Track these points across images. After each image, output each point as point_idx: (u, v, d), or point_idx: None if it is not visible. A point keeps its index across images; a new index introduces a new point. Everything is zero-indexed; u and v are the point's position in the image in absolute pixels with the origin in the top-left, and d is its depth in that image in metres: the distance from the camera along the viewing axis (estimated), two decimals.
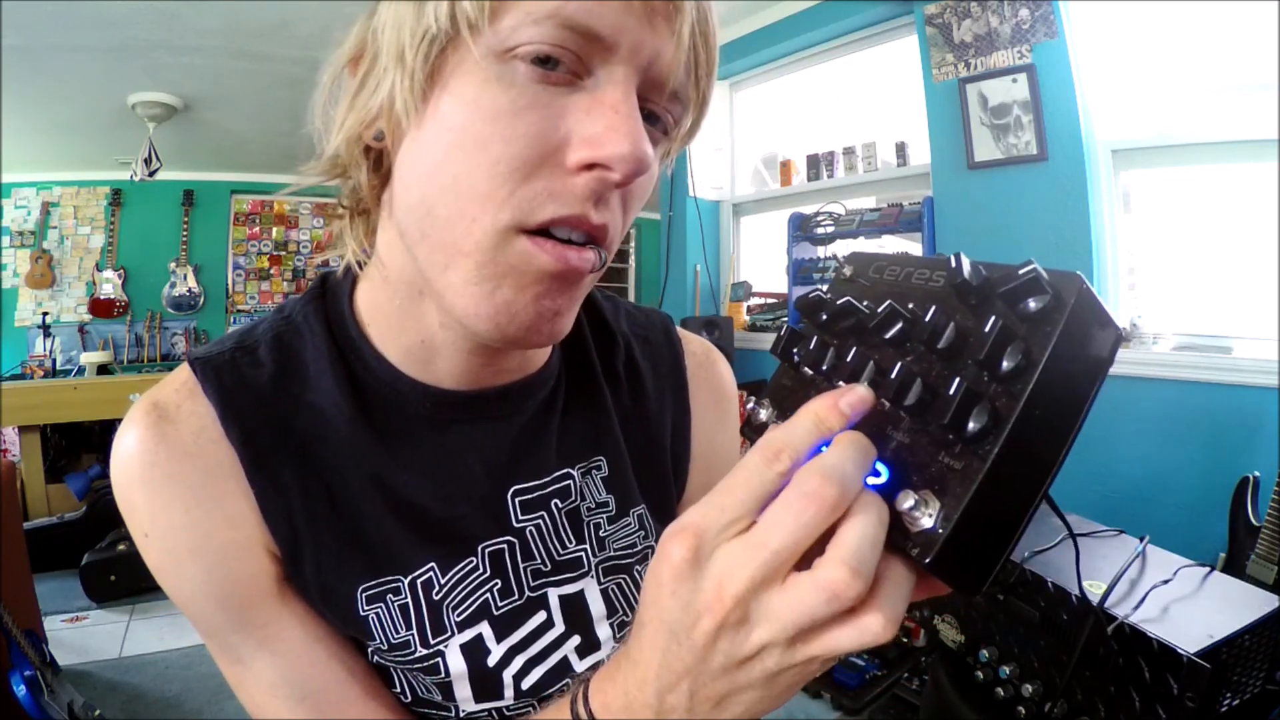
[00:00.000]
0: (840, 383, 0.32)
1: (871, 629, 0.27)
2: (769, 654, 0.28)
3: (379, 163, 0.43)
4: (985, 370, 0.26)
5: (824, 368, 0.33)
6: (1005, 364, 0.26)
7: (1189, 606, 1.09)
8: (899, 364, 0.28)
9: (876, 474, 0.29)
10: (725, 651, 0.28)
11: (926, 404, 0.28)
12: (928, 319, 0.28)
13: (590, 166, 0.37)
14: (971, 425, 0.26)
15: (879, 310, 0.30)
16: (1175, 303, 2.09)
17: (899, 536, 0.27)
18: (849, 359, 0.31)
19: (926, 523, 0.26)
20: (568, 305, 0.41)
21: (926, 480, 0.27)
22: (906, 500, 0.27)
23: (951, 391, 0.26)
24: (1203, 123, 1.96)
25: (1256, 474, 1.61)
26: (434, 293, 0.41)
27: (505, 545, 0.49)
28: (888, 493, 0.28)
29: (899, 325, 0.30)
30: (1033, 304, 0.26)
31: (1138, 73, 2.08)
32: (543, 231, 0.38)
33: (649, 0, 0.36)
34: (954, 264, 0.28)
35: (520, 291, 0.39)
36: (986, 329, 0.26)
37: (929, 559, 0.26)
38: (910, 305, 0.31)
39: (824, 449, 0.30)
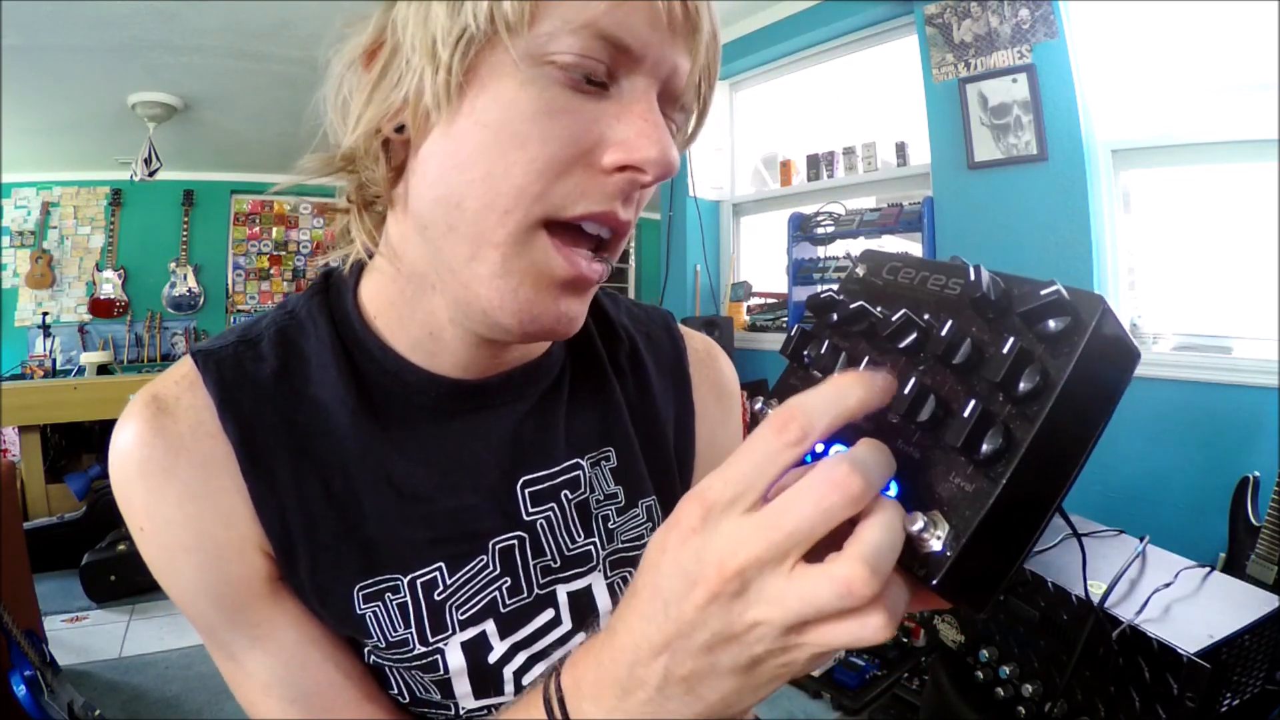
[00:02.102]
0: None
1: (873, 625, 0.26)
2: (760, 635, 0.27)
3: (393, 156, 0.43)
4: (1000, 390, 0.26)
5: (835, 372, 0.32)
6: (1022, 385, 0.25)
7: (1189, 606, 1.09)
8: (912, 378, 0.28)
9: (886, 489, 0.28)
10: (712, 627, 0.27)
11: (939, 420, 0.27)
12: (944, 333, 0.28)
13: (623, 168, 0.39)
14: (985, 448, 0.25)
15: (894, 319, 0.30)
16: (1175, 303, 2.09)
17: (905, 555, 0.27)
18: (861, 367, 0.31)
19: (935, 545, 0.26)
20: (581, 309, 0.44)
21: (935, 500, 0.27)
22: (916, 522, 0.26)
23: (966, 414, 0.25)
24: (1203, 123, 1.96)
25: (1256, 474, 1.60)
26: (457, 284, 0.42)
27: (515, 541, 0.48)
28: None
29: (913, 335, 0.29)
30: (1052, 324, 0.26)
31: (1138, 73, 2.08)
32: (571, 227, 0.40)
33: (674, 19, 0.39)
34: (973, 276, 0.28)
35: (539, 292, 0.41)
36: (1005, 350, 0.25)
37: (936, 581, 0.26)
38: (926, 316, 0.30)
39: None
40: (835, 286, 0.37)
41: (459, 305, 0.43)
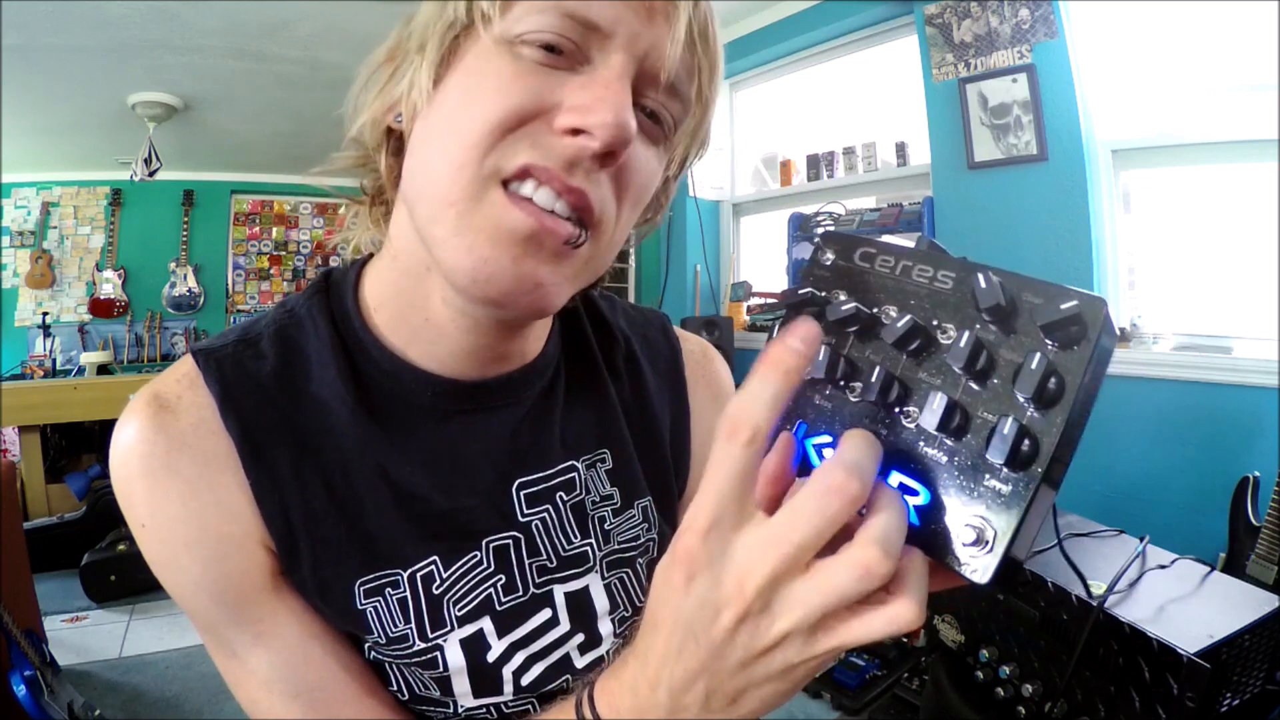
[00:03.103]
0: (854, 395, 0.32)
1: (904, 616, 0.27)
2: (790, 644, 0.28)
3: (399, 148, 0.46)
4: (1022, 396, 0.28)
5: (839, 378, 0.32)
6: (1045, 392, 0.27)
7: (1189, 606, 1.09)
8: (939, 394, 0.29)
9: (915, 493, 0.30)
10: (744, 645, 0.28)
11: (962, 427, 0.29)
12: (963, 344, 0.28)
13: (575, 132, 0.39)
14: (1017, 454, 0.27)
15: (899, 325, 0.30)
16: (1175, 303, 2.08)
17: (954, 560, 0.28)
18: (874, 377, 0.31)
19: (982, 550, 0.28)
20: (550, 277, 0.41)
21: (973, 505, 0.28)
22: (969, 535, 0.28)
23: (1006, 431, 0.27)
24: (1203, 123, 1.96)
25: (1256, 474, 1.60)
26: (430, 253, 0.43)
27: (510, 540, 0.49)
28: (930, 512, 0.29)
29: (919, 340, 0.30)
30: (1061, 331, 0.27)
31: (1138, 73, 2.08)
32: (520, 185, 0.39)
33: None
34: (982, 284, 0.29)
35: (496, 249, 0.39)
36: (1034, 366, 0.27)
37: (988, 580, 0.28)
38: (934, 321, 0.31)
39: (812, 439, 0.31)
40: (801, 273, 0.35)
41: (445, 278, 0.43)
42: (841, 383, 0.32)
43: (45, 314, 5.08)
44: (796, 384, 0.29)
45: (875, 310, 0.32)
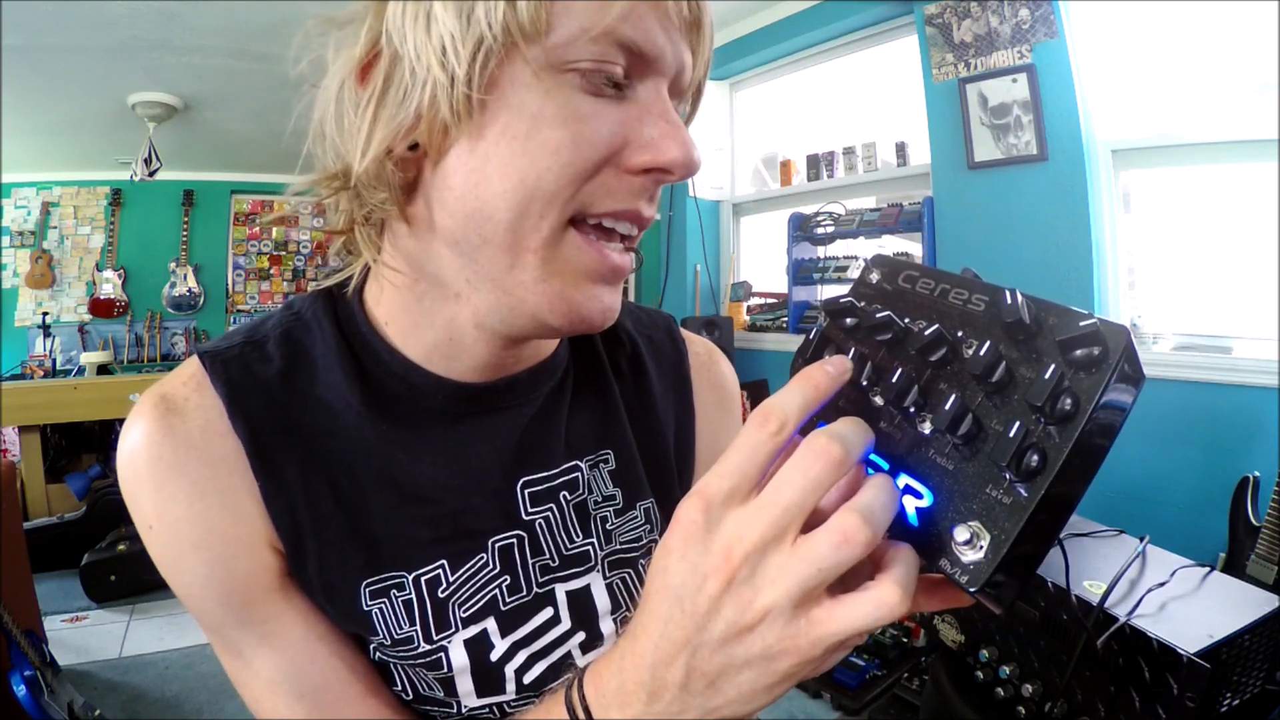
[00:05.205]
0: (878, 398, 0.33)
1: (888, 601, 0.28)
2: (772, 623, 0.28)
3: (405, 179, 0.41)
4: (1036, 411, 0.28)
5: (863, 382, 0.33)
6: (1057, 407, 0.27)
7: (1189, 606, 1.09)
8: (953, 395, 0.30)
9: (919, 495, 0.30)
10: (728, 618, 0.28)
11: (973, 435, 0.29)
12: (982, 353, 0.29)
13: (649, 170, 0.40)
14: (1022, 464, 0.27)
15: (927, 333, 0.31)
16: (1175, 303, 2.09)
17: (947, 563, 0.29)
18: (894, 379, 0.32)
19: (977, 555, 0.28)
20: (617, 297, 0.45)
21: (973, 511, 0.29)
22: (963, 534, 0.28)
23: (1012, 434, 0.27)
24: (1203, 123, 1.96)
25: (1256, 474, 1.61)
26: (499, 292, 0.42)
27: (514, 540, 0.49)
28: (933, 515, 0.29)
29: (943, 350, 0.31)
30: (1083, 352, 0.28)
31: (1138, 73, 2.08)
32: (595, 224, 0.41)
33: (682, 19, 0.40)
34: (1009, 300, 0.29)
35: (581, 289, 0.42)
36: (1047, 376, 0.27)
37: (976, 588, 0.28)
38: (960, 333, 0.32)
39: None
40: (849, 289, 0.37)
41: (497, 310, 0.43)
42: (865, 385, 0.34)
43: (45, 314, 5.09)
44: (823, 399, 0.31)
45: (906, 321, 0.33)
